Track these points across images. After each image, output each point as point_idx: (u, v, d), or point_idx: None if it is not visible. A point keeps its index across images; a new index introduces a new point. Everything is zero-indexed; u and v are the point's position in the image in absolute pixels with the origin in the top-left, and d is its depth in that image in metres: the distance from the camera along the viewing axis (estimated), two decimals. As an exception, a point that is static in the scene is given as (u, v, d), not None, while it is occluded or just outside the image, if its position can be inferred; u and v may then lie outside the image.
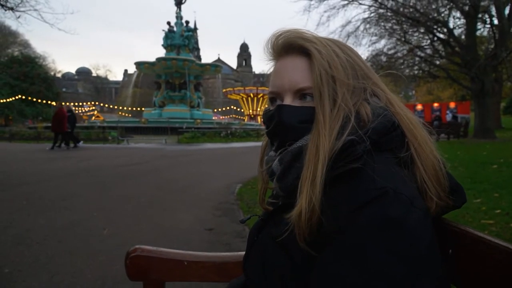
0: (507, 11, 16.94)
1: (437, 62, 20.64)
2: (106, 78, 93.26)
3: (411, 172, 0.70)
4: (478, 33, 19.32)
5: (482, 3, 17.27)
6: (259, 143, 0.92)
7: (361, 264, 0.58)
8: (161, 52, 36.01)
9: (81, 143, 17.02)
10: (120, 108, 47.71)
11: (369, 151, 0.66)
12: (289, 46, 0.78)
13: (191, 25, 40.21)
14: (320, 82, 0.72)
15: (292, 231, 0.69)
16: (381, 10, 18.76)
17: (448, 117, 26.76)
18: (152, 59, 33.60)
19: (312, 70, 0.74)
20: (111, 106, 57.22)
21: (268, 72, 0.85)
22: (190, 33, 35.95)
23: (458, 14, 18.87)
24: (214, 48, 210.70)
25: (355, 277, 0.58)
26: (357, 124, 0.69)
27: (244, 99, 51.54)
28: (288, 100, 0.77)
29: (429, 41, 19.48)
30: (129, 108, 45.90)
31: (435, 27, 18.27)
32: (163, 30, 35.13)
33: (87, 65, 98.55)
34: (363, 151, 0.65)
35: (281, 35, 0.80)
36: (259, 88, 50.87)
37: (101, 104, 59.75)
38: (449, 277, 0.72)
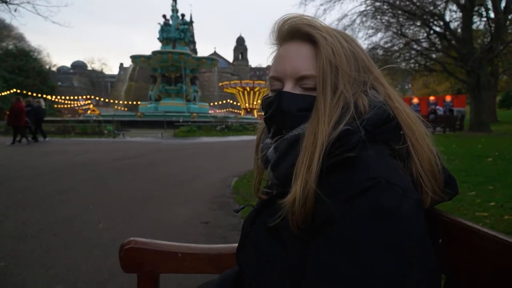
0: (503, 4, 16.96)
1: (433, 56, 20.67)
2: (101, 72, 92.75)
3: (407, 166, 0.70)
4: (474, 26, 19.34)
5: (478, -3, 17.28)
6: (255, 137, 0.92)
7: (355, 255, 0.58)
8: (157, 46, 35.93)
9: (41, 139, 16.09)
10: (116, 102, 47.51)
11: (363, 141, 0.66)
12: (295, 31, 0.78)
13: (187, 18, 40.01)
14: (324, 72, 0.72)
15: (285, 218, 0.69)
16: (377, 3, 18.73)
17: (440, 111, 26.86)
18: (148, 52, 33.43)
19: (318, 57, 0.74)
20: (106, 100, 56.95)
21: (271, 58, 0.84)
22: (186, 26, 35.77)
23: (454, 8, 18.90)
24: (210, 41, 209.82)
25: (349, 268, 0.58)
26: (354, 115, 0.70)
27: (240, 92, 51.41)
28: (288, 87, 0.76)
29: (425, 34, 19.49)
30: (125, 102, 45.68)
31: (431, 20, 18.28)
32: (159, 24, 34.93)
33: (82, 59, 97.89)
34: (358, 141, 0.66)
35: (289, 20, 0.79)
36: (256, 82, 50.77)
37: (97, 98, 59.49)
38: (440, 266, 0.73)
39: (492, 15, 17.52)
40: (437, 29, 18.76)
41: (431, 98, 32.61)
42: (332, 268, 0.59)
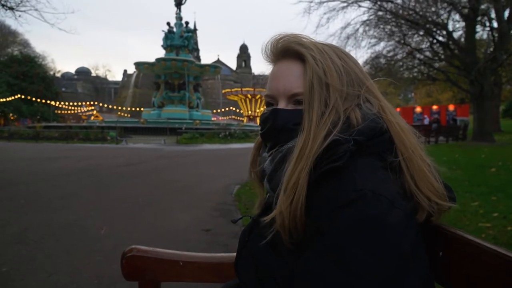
0: (506, 14, 16.98)
1: (436, 65, 20.66)
2: (105, 78, 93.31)
3: (400, 178, 0.70)
4: (477, 36, 19.35)
5: (482, 6, 17.29)
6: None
7: (342, 264, 0.59)
8: (161, 53, 36.12)
9: None
10: (119, 108, 47.76)
11: (353, 151, 0.67)
12: (286, 50, 0.79)
13: (191, 26, 40.31)
14: (310, 89, 0.73)
15: (278, 232, 0.70)
16: (380, 13, 18.76)
17: (426, 121, 26.94)
18: (151, 59, 33.68)
19: (305, 76, 0.75)
20: (110, 106, 57.23)
21: (267, 74, 0.86)
22: (190, 34, 36.02)
23: (457, 17, 18.94)
24: (214, 49, 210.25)
25: (336, 277, 0.59)
26: (346, 128, 0.70)
27: (243, 100, 51.53)
28: (282, 104, 0.78)
29: (428, 43, 19.50)
30: (128, 108, 45.90)
31: (435, 29, 18.30)
32: (163, 31, 35.22)
33: (86, 65, 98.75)
34: (346, 151, 0.66)
35: (281, 39, 0.81)
36: (256, 89, 50.80)
37: (100, 104, 59.75)
38: (439, 279, 0.73)
39: (495, 24, 17.54)
40: (440, 38, 18.77)
41: (434, 107, 32.61)
42: (322, 276, 0.60)
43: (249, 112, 51.23)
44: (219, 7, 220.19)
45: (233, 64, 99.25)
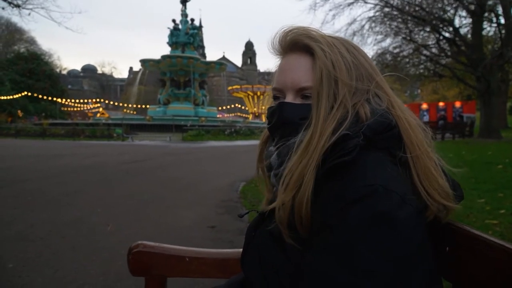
0: (514, 10, 16.80)
1: (443, 61, 20.50)
2: (111, 76, 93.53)
3: (408, 174, 0.69)
4: (484, 32, 19.16)
5: (489, 2, 17.13)
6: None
7: (349, 262, 0.58)
8: (166, 50, 36.17)
9: None
10: (125, 105, 47.93)
11: (362, 146, 0.66)
12: (295, 43, 0.79)
13: (196, 23, 40.26)
14: (320, 83, 0.72)
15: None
16: (386, 9, 18.64)
17: (425, 118, 26.84)
18: (157, 56, 33.75)
19: (314, 70, 0.74)
20: (116, 104, 57.43)
21: (274, 69, 0.85)
22: (195, 31, 36.03)
23: (464, 13, 18.75)
24: (219, 46, 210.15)
25: (343, 276, 0.58)
26: (354, 123, 0.70)
27: (248, 97, 51.55)
28: (290, 98, 0.78)
29: (434, 40, 19.35)
30: (134, 106, 46.03)
31: (441, 26, 18.15)
32: (168, 28, 35.28)
33: (92, 63, 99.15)
34: (355, 146, 0.66)
35: (289, 32, 0.80)
36: (267, 86, 50.82)
37: (106, 101, 59.84)
38: (446, 275, 0.72)
39: (502, 21, 17.37)
40: (447, 34, 18.62)
41: (441, 104, 32.40)
42: (327, 275, 0.59)
43: (255, 109, 51.21)
44: (225, 4, 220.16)
45: (238, 61, 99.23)
